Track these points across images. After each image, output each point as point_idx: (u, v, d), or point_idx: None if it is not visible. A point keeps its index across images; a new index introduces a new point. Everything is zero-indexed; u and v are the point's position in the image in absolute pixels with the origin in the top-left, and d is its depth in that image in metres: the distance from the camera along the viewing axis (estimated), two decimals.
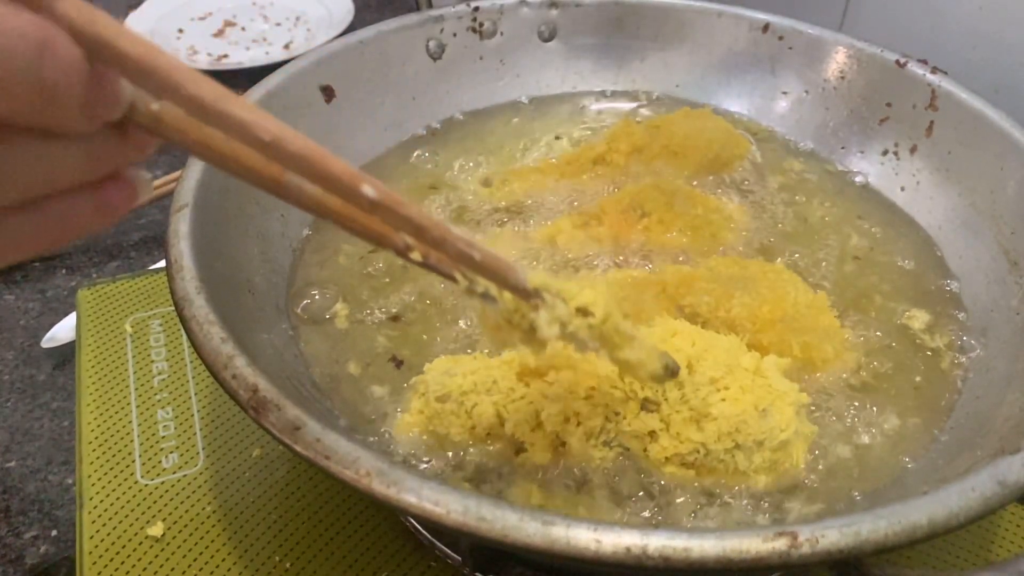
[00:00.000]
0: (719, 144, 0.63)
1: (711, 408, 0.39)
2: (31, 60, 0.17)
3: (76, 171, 0.20)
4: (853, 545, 0.30)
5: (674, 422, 0.39)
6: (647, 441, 0.40)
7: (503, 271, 0.29)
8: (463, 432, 0.41)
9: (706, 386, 0.39)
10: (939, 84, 0.59)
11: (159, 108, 0.20)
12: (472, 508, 0.30)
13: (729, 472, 0.40)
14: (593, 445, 0.40)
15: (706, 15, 0.68)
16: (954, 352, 0.50)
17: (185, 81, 0.19)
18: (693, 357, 0.40)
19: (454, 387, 0.41)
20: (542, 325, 0.31)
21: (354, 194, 0.23)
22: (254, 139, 0.21)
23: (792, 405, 0.40)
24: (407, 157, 0.64)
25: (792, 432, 0.40)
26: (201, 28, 1.12)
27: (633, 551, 0.29)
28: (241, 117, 0.20)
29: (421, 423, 0.43)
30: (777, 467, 0.41)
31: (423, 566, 0.46)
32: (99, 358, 0.58)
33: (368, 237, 0.26)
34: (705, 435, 0.39)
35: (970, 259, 0.55)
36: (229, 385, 0.35)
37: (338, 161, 0.23)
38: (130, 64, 0.19)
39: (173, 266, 0.41)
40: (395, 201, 0.24)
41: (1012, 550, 0.48)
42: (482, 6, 0.67)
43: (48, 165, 0.19)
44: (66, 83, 0.18)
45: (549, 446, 0.40)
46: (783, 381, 0.41)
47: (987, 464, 0.34)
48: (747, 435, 0.39)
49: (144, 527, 0.48)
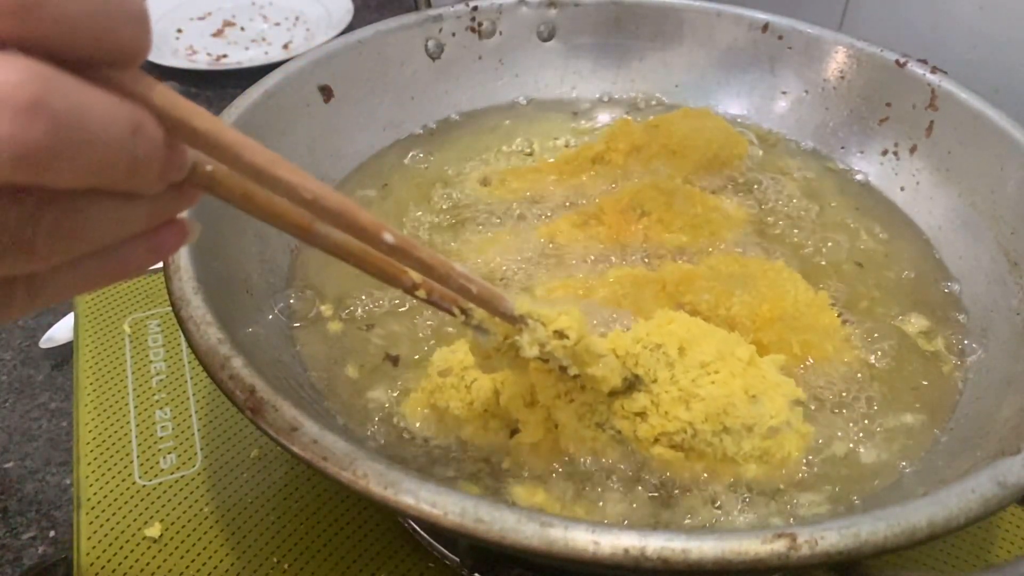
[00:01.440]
0: (718, 143, 0.63)
1: (699, 389, 0.39)
2: (127, 140, 0.20)
3: (141, 223, 0.23)
4: (852, 547, 0.30)
5: (663, 401, 0.40)
6: (637, 422, 0.40)
7: (495, 301, 0.34)
8: (461, 407, 0.42)
9: (696, 369, 0.40)
10: (939, 84, 0.59)
11: (212, 169, 0.24)
12: (470, 510, 0.30)
13: (718, 457, 0.40)
14: (586, 426, 0.41)
15: (705, 15, 0.68)
16: (954, 353, 0.49)
17: (245, 151, 0.23)
18: (686, 341, 0.41)
19: (455, 362, 0.43)
20: (524, 346, 0.35)
21: (377, 240, 0.28)
22: (299, 198, 0.25)
23: (785, 397, 0.41)
24: (405, 157, 0.64)
25: (782, 421, 0.40)
26: (200, 28, 1.11)
27: (631, 552, 0.29)
28: (289, 180, 0.24)
29: (424, 399, 0.44)
30: (769, 458, 0.40)
31: (421, 567, 0.46)
32: (97, 358, 0.58)
33: (381, 277, 0.31)
34: (692, 414, 0.39)
35: (970, 259, 0.55)
36: (226, 386, 0.35)
37: (366, 213, 0.27)
38: (201, 139, 0.23)
39: (170, 266, 0.41)
40: (410, 245, 0.29)
41: (1012, 552, 0.48)
42: (481, 6, 0.67)
43: (122, 219, 0.23)
44: (151, 157, 0.21)
45: (542, 423, 0.41)
46: (778, 375, 0.42)
47: (987, 465, 0.34)
48: (735, 418, 0.39)
49: (142, 528, 0.48)
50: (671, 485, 0.41)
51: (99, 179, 0.20)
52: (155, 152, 0.21)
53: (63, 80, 0.18)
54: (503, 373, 0.41)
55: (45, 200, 0.20)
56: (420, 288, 0.32)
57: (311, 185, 0.25)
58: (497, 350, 0.36)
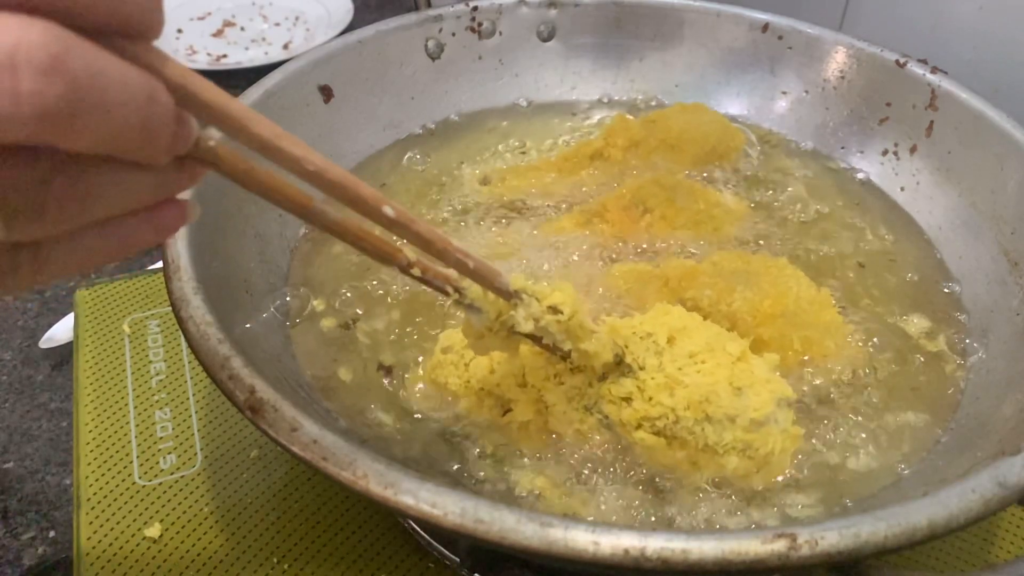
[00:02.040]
0: (715, 136, 0.63)
1: (684, 377, 0.40)
2: (142, 106, 0.20)
3: (145, 195, 0.24)
4: (853, 547, 0.30)
5: (648, 387, 0.40)
6: (623, 406, 0.41)
7: (491, 276, 0.34)
8: (459, 384, 0.44)
9: (683, 358, 0.41)
10: (939, 84, 0.59)
11: (215, 144, 0.24)
12: (469, 510, 0.30)
13: (699, 446, 0.40)
14: (574, 408, 0.42)
15: (705, 15, 0.68)
16: (956, 353, 0.49)
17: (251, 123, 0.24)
18: (676, 331, 0.42)
19: (457, 341, 0.45)
20: (519, 321, 0.36)
21: (377, 213, 0.28)
22: (302, 170, 0.25)
23: (772, 393, 0.41)
24: (405, 156, 0.64)
25: (766, 415, 0.40)
26: (200, 28, 1.11)
27: (631, 553, 0.29)
28: (292, 151, 0.25)
29: (426, 375, 0.46)
30: (752, 452, 0.40)
31: (421, 567, 0.46)
32: (97, 359, 0.58)
33: (377, 256, 0.31)
34: (675, 400, 0.40)
35: (970, 260, 0.55)
36: (226, 386, 0.35)
37: (367, 186, 0.28)
38: (210, 110, 0.23)
39: (170, 266, 0.41)
40: (408, 219, 0.30)
41: (1012, 552, 0.48)
42: (481, 6, 0.67)
43: (128, 190, 0.23)
44: (163, 125, 0.22)
45: (532, 404, 0.42)
46: (768, 373, 0.42)
47: (987, 465, 0.34)
48: (718, 407, 0.39)
49: (141, 528, 0.48)
50: (663, 479, 0.41)
51: (113, 144, 0.21)
52: (167, 120, 0.22)
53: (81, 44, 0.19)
54: (498, 354, 0.42)
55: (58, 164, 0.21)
56: (415, 266, 0.32)
57: (314, 158, 0.25)
58: (490, 330, 0.37)
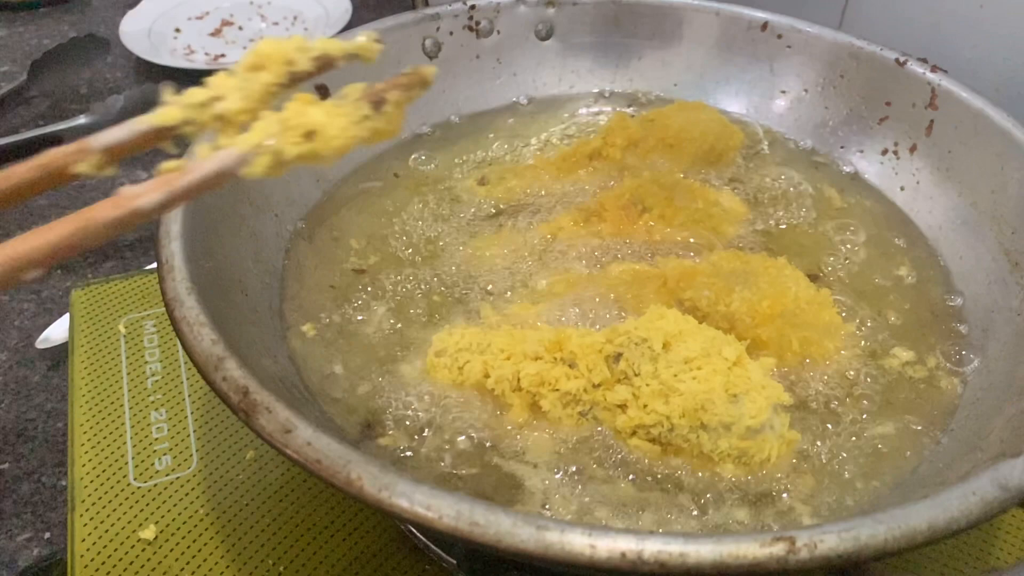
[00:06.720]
0: (714, 135, 0.62)
1: (679, 384, 0.40)
2: None
3: None
4: (852, 550, 0.29)
5: (643, 394, 0.40)
6: (617, 413, 0.41)
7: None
8: (453, 386, 0.44)
9: (678, 364, 0.40)
10: (939, 83, 0.58)
11: None
12: (465, 513, 0.30)
13: (694, 453, 0.40)
14: (568, 414, 0.42)
15: (704, 13, 0.68)
16: (955, 355, 0.49)
17: None
18: (671, 335, 0.41)
19: (451, 343, 0.45)
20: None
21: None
22: None
23: (768, 400, 0.40)
24: (404, 156, 0.64)
25: (762, 422, 0.40)
26: (198, 27, 1.11)
27: (628, 556, 0.29)
28: None
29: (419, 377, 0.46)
30: (747, 458, 0.40)
31: (418, 570, 0.46)
32: (92, 359, 0.58)
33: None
34: (670, 408, 0.39)
35: (970, 260, 0.54)
36: (219, 387, 0.35)
37: None
38: None
39: (164, 267, 0.41)
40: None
41: (1013, 555, 0.47)
42: (479, 4, 0.67)
43: None
44: None
45: (527, 407, 0.42)
46: (764, 377, 0.41)
47: (988, 468, 0.33)
48: (713, 415, 0.39)
49: (136, 530, 0.47)
50: (663, 480, 0.41)
51: None
52: None
53: None
54: (492, 357, 0.43)
55: None
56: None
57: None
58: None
